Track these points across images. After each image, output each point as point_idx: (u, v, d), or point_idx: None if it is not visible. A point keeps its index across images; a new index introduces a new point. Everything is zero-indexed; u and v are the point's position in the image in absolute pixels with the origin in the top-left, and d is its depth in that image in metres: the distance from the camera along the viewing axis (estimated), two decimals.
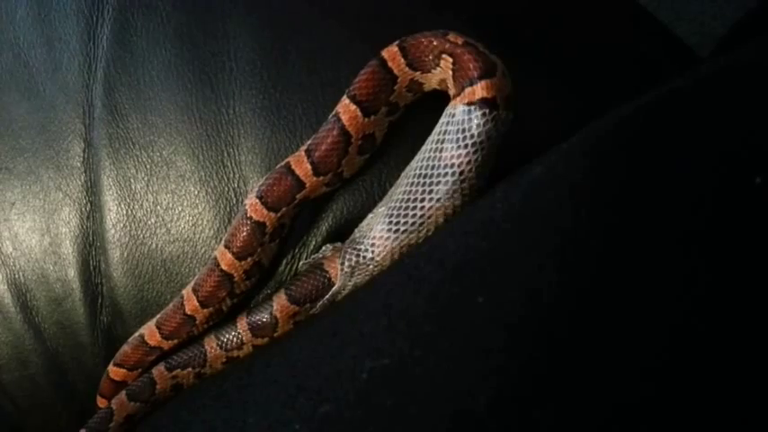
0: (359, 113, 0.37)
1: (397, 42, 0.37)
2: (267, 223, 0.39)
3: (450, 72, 0.36)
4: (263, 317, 0.40)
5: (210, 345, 0.42)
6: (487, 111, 0.35)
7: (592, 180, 0.30)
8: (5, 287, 0.45)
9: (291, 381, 0.32)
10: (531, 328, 0.28)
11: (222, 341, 0.41)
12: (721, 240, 0.28)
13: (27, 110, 0.44)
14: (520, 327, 0.28)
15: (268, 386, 0.33)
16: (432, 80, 0.38)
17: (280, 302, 0.40)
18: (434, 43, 0.37)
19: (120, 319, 0.44)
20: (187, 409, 0.39)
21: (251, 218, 0.39)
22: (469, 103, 0.35)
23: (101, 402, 0.45)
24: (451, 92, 0.37)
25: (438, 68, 0.37)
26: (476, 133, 0.35)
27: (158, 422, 0.42)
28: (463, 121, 0.35)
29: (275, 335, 0.40)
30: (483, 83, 0.35)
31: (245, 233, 0.39)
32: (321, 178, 0.38)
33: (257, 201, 0.39)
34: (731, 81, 0.32)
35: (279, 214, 0.39)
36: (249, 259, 0.40)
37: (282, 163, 0.39)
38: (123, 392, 0.43)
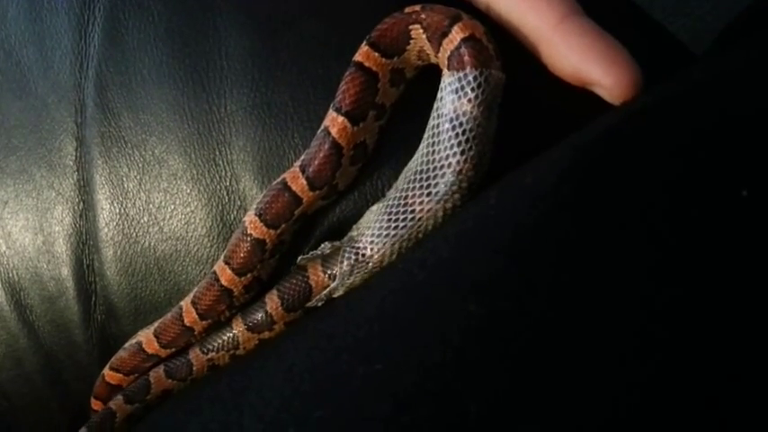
0: (347, 124, 0.37)
1: (364, 42, 0.38)
2: (267, 240, 0.39)
3: (424, 36, 0.37)
4: (296, 287, 0.40)
5: (239, 328, 0.42)
6: (478, 67, 0.35)
7: (581, 192, 0.30)
8: None
9: (287, 384, 0.32)
10: (524, 339, 0.28)
11: (252, 323, 0.41)
12: (709, 253, 0.28)
13: (19, 108, 0.44)
14: (513, 338, 0.28)
15: (263, 389, 0.33)
16: (410, 58, 0.38)
17: (315, 275, 0.39)
18: (397, 23, 0.37)
19: (113, 317, 0.44)
20: (182, 409, 0.39)
21: (251, 235, 0.39)
22: (456, 53, 0.35)
23: (95, 405, 0.45)
24: (432, 54, 0.37)
25: (411, 41, 0.37)
26: (470, 84, 0.35)
27: (154, 422, 0.42)
28: (457, 89, 0.35)
29: (307, 304, 0.40)
30: (456, 27, 0.36)
31: (245, 250, 0.39)
32: (317, 192, 0.38)
33: (256, 218, 0.39)
34: (723, 85, 0.32)
35: (279, 231, 0.39)
36: (249, 275, 0.40)
37: (278, 180, 0.39)
38: (161, 367, 0.44)
